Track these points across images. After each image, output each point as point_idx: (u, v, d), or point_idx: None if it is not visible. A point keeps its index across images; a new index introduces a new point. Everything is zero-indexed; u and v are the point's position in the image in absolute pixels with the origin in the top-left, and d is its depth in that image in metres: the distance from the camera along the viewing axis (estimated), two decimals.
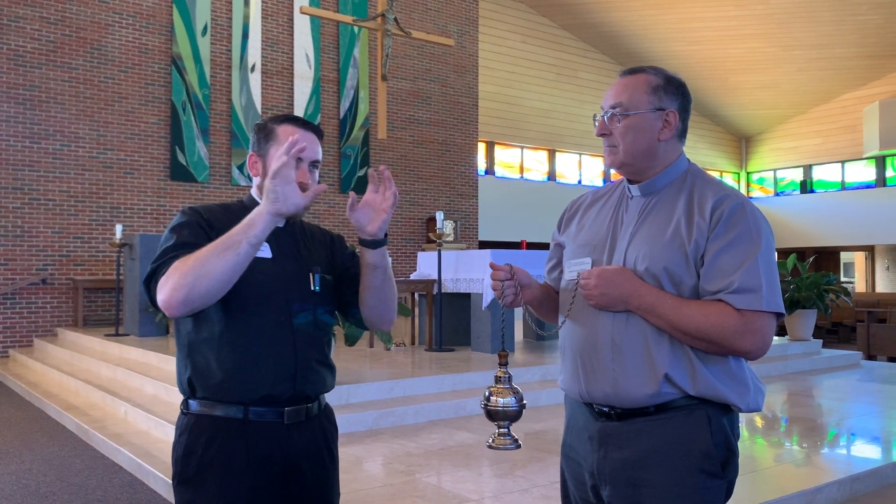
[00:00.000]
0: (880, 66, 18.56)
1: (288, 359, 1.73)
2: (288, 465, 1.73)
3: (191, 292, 1.55)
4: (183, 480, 1.71)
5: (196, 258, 1.56)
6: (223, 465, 1.68)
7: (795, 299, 9.25)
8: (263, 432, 1.71)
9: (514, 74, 17.51)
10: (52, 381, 7.83)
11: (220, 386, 1.69)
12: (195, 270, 1.54)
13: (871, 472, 4.10)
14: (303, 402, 1.77)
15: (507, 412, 1.67)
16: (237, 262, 1.56)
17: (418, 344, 8.15)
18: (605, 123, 1.70)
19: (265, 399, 1.70)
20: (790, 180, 21.83)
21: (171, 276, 1.56)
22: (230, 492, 1.67)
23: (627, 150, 1.67)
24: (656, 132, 1.67)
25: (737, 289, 1.52)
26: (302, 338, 1.76)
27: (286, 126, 1.82)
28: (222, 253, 1.55)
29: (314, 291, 1.81)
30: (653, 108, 1.66)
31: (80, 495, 4.26)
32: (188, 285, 1.54)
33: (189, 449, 1.71)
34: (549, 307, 1.85)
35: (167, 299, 1.56)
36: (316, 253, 1.89)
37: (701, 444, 1.57)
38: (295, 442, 1.74)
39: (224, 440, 1.69)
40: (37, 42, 10.31)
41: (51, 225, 10.33)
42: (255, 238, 1.57)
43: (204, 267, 1.54)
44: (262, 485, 1.70)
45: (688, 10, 16.39)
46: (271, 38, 12.31)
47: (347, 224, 12.94)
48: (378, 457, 4.39)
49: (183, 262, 1.58)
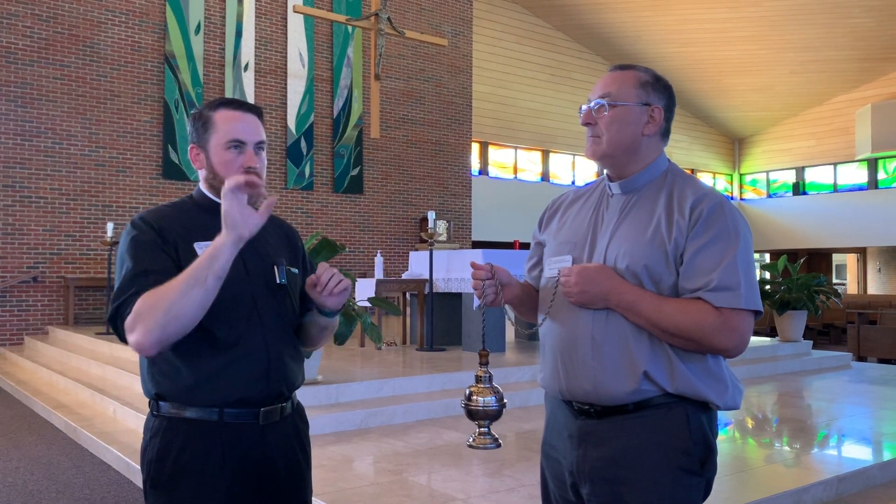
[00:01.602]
0: (872, 69, 18.63)
1: (260, 357, 1.69)
2: (264, 466, 1.70)
3: (163, 333, 1.51)
4: (156, 484, 1.66)
5: (163, 298, 1.50)
6: (198, 469, 1.64)
7: (786, 300, 9.28)
8: (239, 434, 1.67)
9: (508, 75, 17.52)
10: (41, 380, 7.81)
11: (191, 390, 1.64)
12: (165, 311, 1.50)
13: (858, 472, 4.11)
14: (277, 402, 1.73)
15: (487, 411, 1.67)
16: (205, 297, 1.53)
17: (409, 343, 8.15)
18: (591, 113, 1.70)
19: (240, 401, 1.66)
20: (783, 182, 21.90)
21: (141, 318, 1.51)
22: (205, 495, 1.64)
23: (611, 141, 1.68)
24: (641, 126, 1.68)
25: (716, 287, 1.53)
26: (272, 333, 1.72)
27: (222, 111, 1.74)
28: (189, 291, 1.50)
29: (281, 284, 1.76)
30: (640, 102, 1.67)
31: (67, 494, 4.25)
32: (160, 327, 1.50)
33: (162, 452, 1.65)
34: (530, 306, 1.85)
35: (140, 342, 1.52)
36: (277, 244, 1.83)
37: (680, 441, 1.58)
38: (270, 442, 1.71)
39: (199, 443, 1.64)
40: (29, 39, 10.27)
41: (42, 223, 10.29)
42: (220, 270, 1.53)
43: (173, 308, 1.50)
44: (238, 486, 1.66)
45: (682, 11, 16.43)
46: (265, 37, 12.29)
47: (340, 223, 12.94)
48: (367, 456, 4.39)
49: (149, 299, 1.52)
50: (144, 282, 1.56)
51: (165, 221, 1.70)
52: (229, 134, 1.72)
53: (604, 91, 1.69)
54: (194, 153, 1.76)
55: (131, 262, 1.61)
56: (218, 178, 1.73)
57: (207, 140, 1.74)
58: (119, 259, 1.66)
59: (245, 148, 1.73)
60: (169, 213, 1.75)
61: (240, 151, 1.73)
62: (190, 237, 1.69)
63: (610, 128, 1.68)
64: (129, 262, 1.61)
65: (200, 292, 1.51)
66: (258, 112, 1.79)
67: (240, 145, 1.73)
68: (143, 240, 1.64)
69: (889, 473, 4.27)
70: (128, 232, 1.68)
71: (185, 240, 1.68)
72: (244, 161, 1.72)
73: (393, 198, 13.69)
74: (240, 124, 1.73)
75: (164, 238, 1.65)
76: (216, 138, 1.73)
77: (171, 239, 1.66)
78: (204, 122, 1.74)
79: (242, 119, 1.74)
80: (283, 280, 1.76)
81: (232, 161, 1.72)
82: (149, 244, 1.64)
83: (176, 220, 1.72)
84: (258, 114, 1.79)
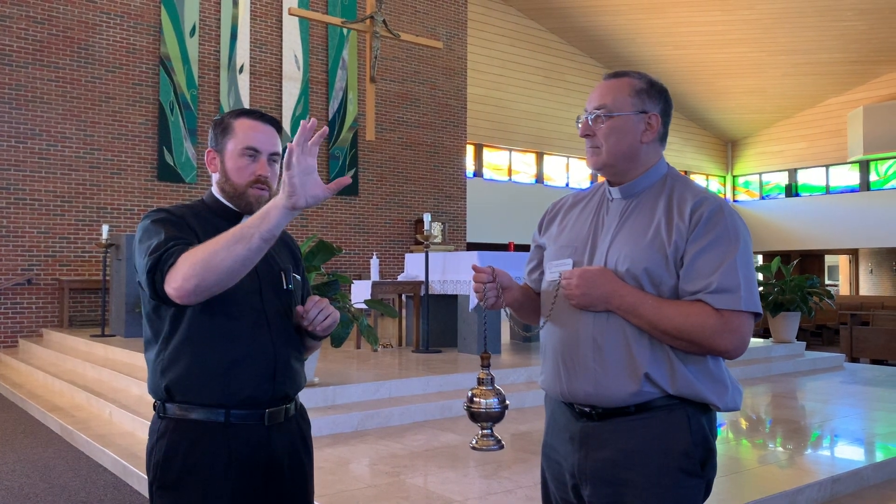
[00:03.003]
0: (864, 72, 18.75)
1: (268, 359, 1.71)
2: (269, 467, 1.72)
3: (200, 283, 1.50)
4: (163, 486, 1.67)
5: (205, 249, 1.51)
6: (205, 470, 1.65)
7: (779, 302, 9.33)
8: (245, 435, 1.69)
9: (503, 77, 17.56)
10: (36, 382, 7.78)
11: (200, 390, 1.66)
12: (205, 262, 1.49)
13: (852, 473, 4.14)
14: (282, 403, 1.76)
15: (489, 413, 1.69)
16: (248, 255, 1.50)
17: (405, 345, 8.16)
18: (589, 124, 1.72)
19: (247, 401, 1.68)
20: (775, 184, 22.00)
21: (180, 267, 1.52)
22: (212, 496, 1.65)
23: (610, 152, 1.70)
24: (639, 134, 1.70)
25: (716, 289, 1.55)
26: (279, 336, 1.75)
27: (243, 119, 1.79)
28: (233, 245, 1.49)
29: (287, 290, 1.80)
30: (636, 110, 1.69)
31: (63, 496, 4.25)
32: (197, 275, 1.50)
33: (169, 454, 1.67)
34: (530, 308, 1.87)
35: (178, 287, 1.51)
36: (282, 252, 1.87)
37: (681, 443, 1.60)
38: (275, 443, 1.73)
39: (206, 445, 1.66)
40: (23, 41, 10.25)
41: (37, 225, 10.26)
42: (268, 233, 1.49)
43: (213, 259, 1.49)
44: (244, 487, 1.68)
45: (675, 14, 16.50)
46: (260, 39, 12.29)
47: (335, 225, 12.94)
48: (363, 458, 4.40)
49: (193, 251, 1.53)
50: (181, 242, 1.58)
51: (183, 215, 1.74)
52: (245, 141, 1.76)
53: (600, 102, 1.71)
54: (210, 156, 1.81)
55: (161, 230, 1.62)
56: (230, 182, 1.78)
57: (225, 145, 1.78)
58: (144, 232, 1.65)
59: (259, 157, 1.77)
60: (184, 211, 1.78)
61: (254, 159, 1.77)
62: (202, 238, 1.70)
63: (608, 139, 1.70)
64: (160, 230, 1.62)
65: (244, 249, 1.49)
66: (276, 125, 1.83)
67: (254, 154, 1.77)
68: (168, 219, 1.67)
69: (883, 474, 4.30)
70: (148, 216, 1.71)
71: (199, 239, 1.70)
72: (256, 169, 1.76)
73: (388, 200, 13.70)
74: (257, 134, 1.78)
75: (187, 224, 1.69)
76: (233, 144, 1.77)
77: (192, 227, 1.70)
78: (224, 128, 1.79)
79: (260, 129, 1.78)
80: (290, 286, 1.81)
81: (245, 168, 1.77)
82: (175, 222, 1.67)
83: (191, 217, 1.76)
84: (276, 126, 1.83)
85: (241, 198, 1.77)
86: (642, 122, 1.70)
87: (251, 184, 1.76)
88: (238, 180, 1.76)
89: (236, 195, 1.77)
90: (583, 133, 1.73)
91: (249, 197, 1.77)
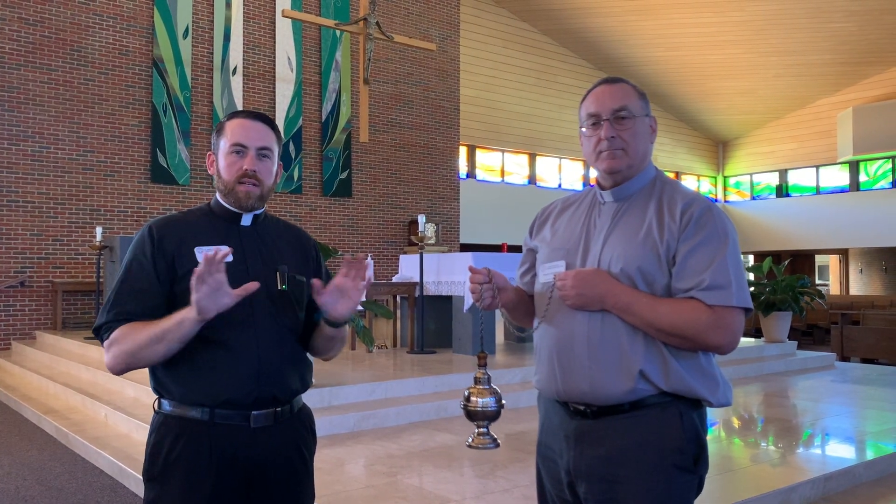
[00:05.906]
0: (854, 73, 18.88)
1: (250, 360, 1.72)
2: (252, 468, 1.73)
3: (126, 368, 1.72)
4: (150, 477, 1.74)
5: (133, 341, 1.67)
6: (187, 464, 1.70)
7: (771, 302, 9.39)
8: (228, 435, 1.71)
9: (495, 79, 17.60)
10: (30, 385, 7.77)
11: (186, 389, 1.72)
12: (131, 353, 1.68)
13: (844, 471, 4.18)
14: (271, 406, 1.76)
15: (486, 412, 1.73)
16: (167, 352, 1.67)
17: (400, 346, 8.18)
18: (611, 126, 1.73)
19: (227, 403, 1.71)
20: (766, 184, 22.12)
21: (112, 349, 1.70)
22: (193, 490, 1.69)
23: (635, 153, 1.74)
24: (648, 136, 1.77)
25: (708, 286, 1.60)
26: (267, 338, 1.75)
27: (234, 119, 1.83)
28: (154, 345, 1.65)
29: (281, 290, 1.79)
30: (644, 113, 1.76)
31: (59, 499, 4.25)
32: (125, 362, 1.70)
33: (157, 447, 1.74)
34: (523, 310, 1.91)
35: (110, 366, 1.72)
36: (284, 251, 1.87)
37: (674, 440, 1.63)
38: (261, 445, 1.74)
39: (189, 440, 1.71)
40: (16, 43, 10.23)
41: (29, 227, 10.24)
42: (184, 337, 1.66)
43: (138, 352, 1.67)
44: (225, 485, 1.71)
45: (667, 16, 16.58)
46: (253, 41, 12.29)
47: (327, 227, 12.95)
48: (360, 458, 4.42)
49: (123, 337, 1.69)
50: (125, 308, 1.72)
51: (169, 230, 1.79)
52: (233, 138, 1.81)
53: (621, 104, 1.73)
54: (210, 160, 1.87)
55: (124, 276, 1.76)
56: (222, 180, 1.83)
57: (219, 146, 1.84)
58: (126, 256, 1.80)
59: (246, 152, 1.80)
60: (178, 219, 1.84)
61: (241, 155, 1.80)
62: (193, 242, 1.77)
63: (634, 140, 1.74)
64: (123, 274, 1.77)
65: (162, 349, 1.66)
66: (266, 120, 1.85)
67: (241, 150, 1.80)
68: (140, 260, 1.76)
69: (874, 472, 4.34)
70: (137, 238, 1.80)
71: (186, 244, 1.76)
72: (243, 164, 1.79)
73: (382, 201, 13.72)
74: (245, 130, 1.81)
75: (162, 249, 1.75)
76: (224, 144, 1.82)
77: (169, 248, 1.75)
78: (219, 131, 1.85)
79: (248, 126, 1.81)
80: (285, 286, 1.79)
81: (232, 164, 1.81)
82: (143, 266, 1.75)
83: (181, 227, 1.80)
84: (267, 122, 1.85)
85: (231, 194, 1.81)
86: (648, 125, 1.77)
87: (238, 179, 1.79)
88: (227, 177, 1.81)
89: (227, 192, 1.82)
90: (606, 135, 1.73)
91: (238, 193, 1.80)
